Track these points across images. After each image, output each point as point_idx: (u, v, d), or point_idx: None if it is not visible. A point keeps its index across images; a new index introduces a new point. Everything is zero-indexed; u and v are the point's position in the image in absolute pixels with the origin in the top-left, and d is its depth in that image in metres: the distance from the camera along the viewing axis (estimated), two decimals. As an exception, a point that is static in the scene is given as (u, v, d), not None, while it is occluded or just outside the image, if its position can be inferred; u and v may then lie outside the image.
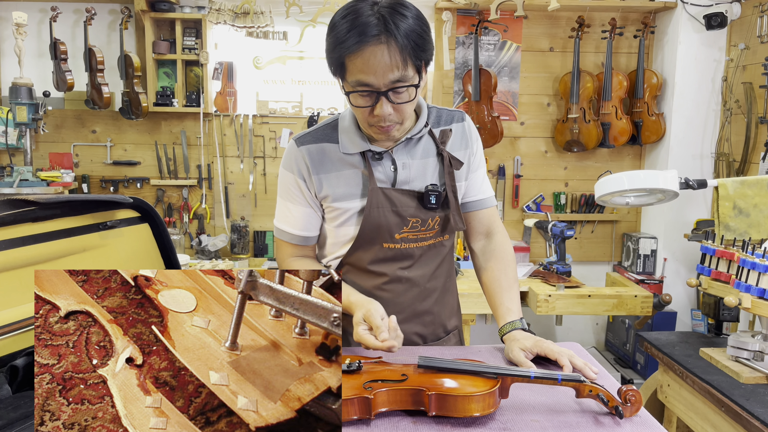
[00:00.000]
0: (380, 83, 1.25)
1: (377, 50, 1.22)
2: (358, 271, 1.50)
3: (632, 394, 1.15)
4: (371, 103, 1.28)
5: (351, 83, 1.27)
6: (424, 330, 1.55)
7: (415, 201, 1.44)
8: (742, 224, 2.19)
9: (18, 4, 3.52)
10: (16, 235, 1.20)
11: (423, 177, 1.45)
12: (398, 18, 1.23)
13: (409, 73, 1.26)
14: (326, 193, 1.44)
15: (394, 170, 1.43)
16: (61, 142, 3.66)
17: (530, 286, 3.11)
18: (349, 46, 1.22)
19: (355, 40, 1.21)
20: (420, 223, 1.45)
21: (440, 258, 1.53)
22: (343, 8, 1.27)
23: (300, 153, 1.44)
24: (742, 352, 1.84)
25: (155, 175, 3.71)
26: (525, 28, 3.65)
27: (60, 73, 3.39)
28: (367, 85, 1.25)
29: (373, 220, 1.42)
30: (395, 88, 1.26)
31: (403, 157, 1.44)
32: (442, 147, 1.46)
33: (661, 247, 3.59)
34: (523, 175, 3.77)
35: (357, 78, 1.25)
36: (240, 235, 3.68)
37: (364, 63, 1.23)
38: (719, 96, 3.45)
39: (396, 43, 1.22)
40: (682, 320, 3.54)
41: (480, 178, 1.57)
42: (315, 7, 3.48)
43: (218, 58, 3.63)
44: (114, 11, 3.57)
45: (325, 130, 1.46)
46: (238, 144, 3.70)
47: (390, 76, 1.24)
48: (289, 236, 1.51)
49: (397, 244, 1.46)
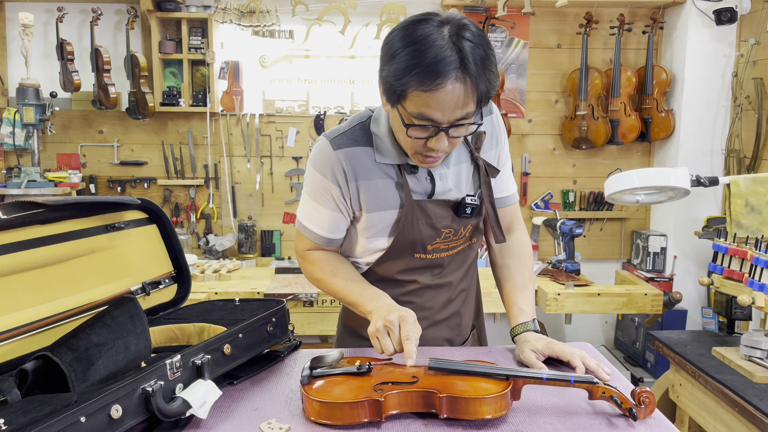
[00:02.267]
0: (445, 120, 1.16)
1: (452, 88, 1.11)
2: (386, 279, 1.46)
3: (646, 396, 1.13)
4: (428, 135, 1.20)
5: (411, 114, 1.17)
6: (451, 333, 1.52)
7: (450, 211, 1.38)
8: (755, 222, 2.17)
9: (24, 4, 3.53)
10: (25, 238, 1.19)
11: (458, 186, 1.39)
12: (471, 47, 1.12)
13: (474, 108, 1.17)
14: (362, 202, 1.37)
15: (431, 182, 1.37)
16: (68, 142, 3.67)
17: (539, 284, 3.09)
18: (419, 81, 1.11)
19: (428, 76, 1.10)
20: (453, 233, 1.41)
21: (469, 262, 1.51)
22: (406, 30, 1.15)
23: (337, 157, 1.34)
24: (755, 352, 1.82)
25: (162, 175, 3.71)
26: (532, 25, 3.63)
27: (67, 73, 3.40)
28: (431, 120, 1.16)
29: (407, 235, 1.37)
30: (457, 124, 1.18)
31: (439, 168, 1.37)
32: (477, 154, 1.39)
33: (671, 244, 3.56)
34: (531, 172, 3.75)
35: (421, 111, 1.15)
36: (247, 235, 3.68)
37: (434, 100, 1.13)
38: (729, 92, 3.42)
39: (471, 81, 1.12)
40: (693, 318, 3.52)
41: (507, 174, 1.50)
42: (321, 5, 3.46)
43: (224, 58, 3.62)
44: (120, 11, 3.57)
45: (358, 132, 1.36)
46: (244, 143, 3.69)
47: (457, 113, 1.16)
48: (313, 235, 1.44)
49: (429, 255, 1.42)
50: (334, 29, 3.54)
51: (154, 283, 1.50)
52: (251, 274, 3.30)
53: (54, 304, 1.23)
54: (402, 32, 1.15)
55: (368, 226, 1.40)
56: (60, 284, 1.25)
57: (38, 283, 1.20)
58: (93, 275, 1.34)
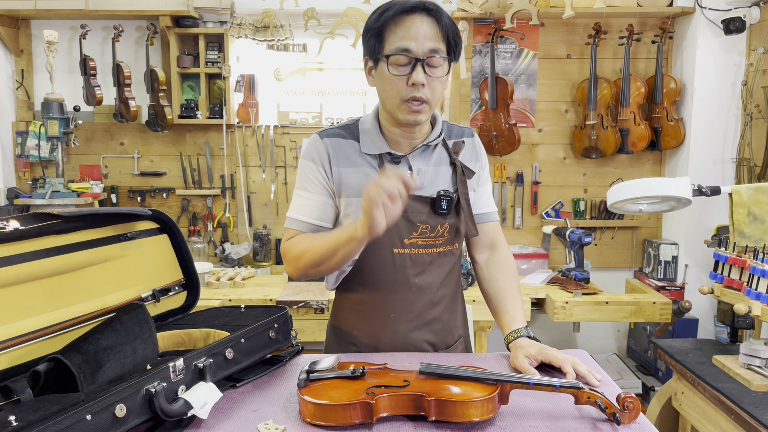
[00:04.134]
0: (419, 50, 1.36)
1: (418, 19, 1.36)
2: (369, 279, 1.53)
3: (630, 401, 1.17)
4: (408, 72, 1.37)
5: (390, 50, 1.37)
6: (435, 338, 1.58)
7: (427, 207, 1.48)
8: (758, 231, 2.18)
9: (49, 22, 3.67)
10: (42, 247, 1.26)
11: (435, 184, 1.50)
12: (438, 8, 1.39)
13: (442, 49, 1.38)
14: (342, 186, 1.48)
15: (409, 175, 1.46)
16: (91, 154, 3.79)
17: (548, 293, 3.12)
18: (391, 15, 1.36)
19: (399, 10, 1.36)
20: (429, 229, 1.49)
21: (449, 266, 1.57)
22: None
23: (323, 144, 1.49)
24: (754, 360, 1.84)
25: (180, 185, 3.81)
26: (542, 36, 3.67)
27: (90, 88, 3.52)
28: (407, 50, 1.36)
29: None
30: (431, 58, 1.37)
31: (418, 163, 1.50)
32: (455, 156, 1.52)
33: (682, 253, 3.56)
34: (541, 181, 3.78)
35: (397, 45, 1.36)
36: (262, 243, 3.76)
37: (405, 30, 1.36)
38: (739, 101, 3.41)
39: (436, 19, 1.37)
40: (705, 327, 3.50)
41: (487, 193, 1.63)
42: (333, 19, 3.55)
43: (240, 71, 3.72)
44: (140, 28, 3.70)
45: (347, 129, 1.53)
46: (260, 154, 3.78)
47: (428, 45, 1.36)
48: (300, 224, 1.51)
49: (406, 250, 1.49)
50: (346, 42, 3.62)
51: (164, 290, 1.57)
52: (265, 282, 3.38)
53: (68, 310, 1.30)
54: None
55: (347, 213, 1.49)
56: (74, 291, 1.33)
57: (54, 289, 1.28)
58: (106, 282, 1.41)
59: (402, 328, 1.53)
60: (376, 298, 1.51)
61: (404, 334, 1.53)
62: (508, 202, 3.79)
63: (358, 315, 1.57)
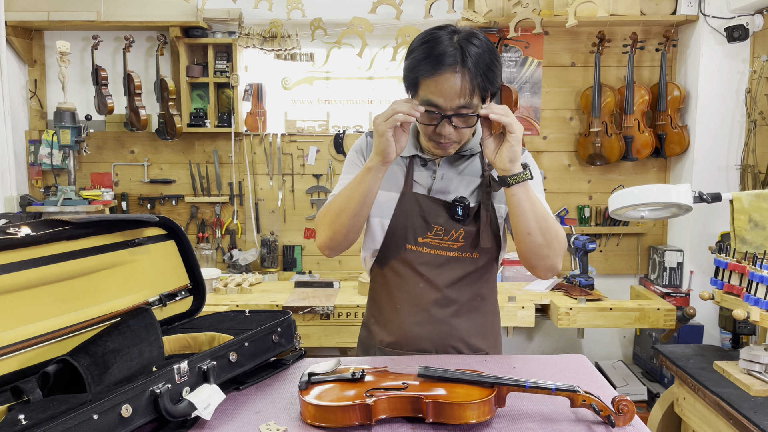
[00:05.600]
0: (447, 106, 1.39)
1: (451, 77, 1.35)
2: (383, 271, 1.62)
3: (625, 404, 1.19)
4: (435, 122, 1.42)
5: (421, 101, 1.41)
6: (438, 339, 1.60)
7: (445, 211, 1.55)
8: (759, 237, 2.19)
9: (62, 33, 3.75)
10: (52, 253, 1.30)
11: (457, 190, 1.55)
12: (473, 49, 1.36)
13: (474, 102, 1.39)
14: None
15: (432, 178, 1.56)
16: (102, 162, 3.86)
17: (552, 299, 3.13)
18: (425, 70, 1.37)
19: (433, 65, 1.36)
20: (444, 232, 1.54)
21: (464, 272, 1.58)
22: (423, 34, 1.42)
23: (366, 140, 1.64)
24: (754, 365, 1.85)
25: (189, 192, 3.87)
26: (546, 44, 3.70)
27: (101, 97, 3.59)
28: (436, 106, 1.39)
29: (400, 219, 1.55)
30: (460, 114, 1.39)
31: (445, 168, 1.56)
32: (488, 169, 1.54)
33: (687, 259, 3.56)
34: (546, 188, 3.80)
35: (427, 98, 1.39)
36: (270, 250, 3.80)
37: (436, 86, 1.37)
38: (743, 108, 3.42)
39: (469, 74, 1.35)
40: (711, 333, 3.50)
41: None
42: (339, 29, 3.60)
43: (248, 80, 3.78)
44: (151, 38, 3.77)
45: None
46: (267, 162, 3.83)
47: (457, 102, 1.38)
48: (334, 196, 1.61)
49: (419, 248, 1.56)
50: (353, 52, 3.67)
51: (171, 295, 1.61)
52: (272, 288, 3.42)
53: (77, 314, 1.34)
54: (421, 35, 1.43)
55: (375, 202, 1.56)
56: (83, 296, 1.37)
57: (63, 294, 1.32)
58: (114, 287, 1.45)
59: (407, 321, 1.60)
60: (387, 289, 1.61)
61: (408, 328, 1.60)
62: (513, 209, 3.81)
63: (374, 303, 1.69)
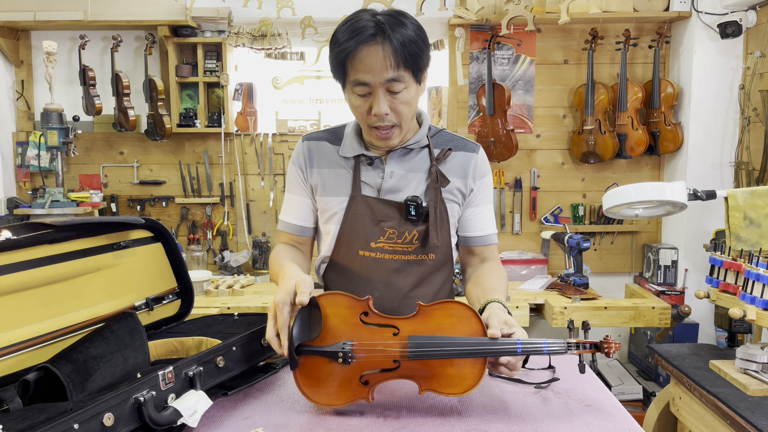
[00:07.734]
0: (375, 81, 1.34)
1: (372, 50, 1.32)
2: (338, 277, 1.58)
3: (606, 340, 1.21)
4: (368, 103, 1.37)
5: (350, 84, 1.37)
6: None
7: (397, 212, 1.49)
8: (754, 235, 2.18)
9: (49, 33, 3.70)
10: (34, 257, 1.27)
11: (408, 188, 1.50)
12: (394, 24, 1.33)
13: (403, 75, 1.35)
14: (316, 184, 1.54)
15: (381, 178, 1.50)
16: (90, 163, 3.81)
17: (546, 298, 3.11)
18: (347, 47, 1.33)
19: (353, 41, 1.32)
20: (396, 235, 1.49)
21: (421, 275, 1.55)
22: (345, 19, 1.39)
23: (302, 147, 1.57)
24: (750, 365, 1.83)
25: (180, 193, 3.83)
26: (539, 42, 3.68)
27: (89, 98, 3.55)
28: (364, 83, 1.35)
29: (350, 224, 1.51)
30: (391, 84, 1.34)
31: (393, 165, 1.50)
32: (435, 163, 1.50)
33: (681, 257, 3.55)
34: (540, 187, 3.78)
35: (355, 77, 1.35)
36: (261, 251, 3.76)
37: (360, 62, 1.33)
38: (737, 104, 3.41)
39: (390, 45, 1.32)
40: (706, 332, 3.49)
41: (487, 213, 1.59)
42: (330, 27, 3.56)
43: (238, 80, 3.74)
44: (139, 38, 3.72)
45: (330, 132, 1.58)
46: (258, 162, 3.80)
47: (385, 75, 1.33)
48: (285, 225, 1.61)
49: (372, 253, 1.51)
50: (344, 50, 3.63)
51: (158, 298, 1.57)
52: (264, 289, 3.38)
53: (61, 319, 1.30)
54: (342, 21, 1.39)
55: (323, 210, 1.55)
56: (67, 300, 1.33)
57: (46, 299, 1.29)
58: (99, 291, 1.42)
59: None
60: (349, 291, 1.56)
61: None
62: (506, 207, 3.79)
63: None
